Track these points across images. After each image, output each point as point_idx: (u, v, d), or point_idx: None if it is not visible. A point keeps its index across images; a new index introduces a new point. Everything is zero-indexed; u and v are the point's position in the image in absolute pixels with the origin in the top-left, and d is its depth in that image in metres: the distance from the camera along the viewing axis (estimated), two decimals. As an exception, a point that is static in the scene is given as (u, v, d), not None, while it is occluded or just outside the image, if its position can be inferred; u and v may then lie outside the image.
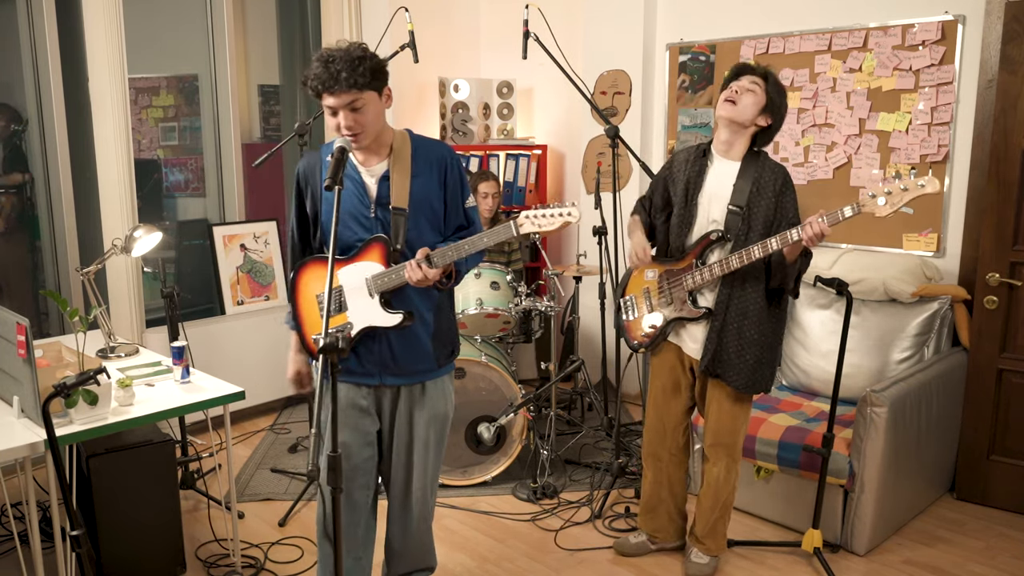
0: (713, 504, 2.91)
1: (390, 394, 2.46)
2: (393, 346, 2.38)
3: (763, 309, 2.72)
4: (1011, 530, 3.33)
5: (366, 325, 2.34)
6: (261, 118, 4.91)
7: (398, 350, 2.39)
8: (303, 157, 2.47)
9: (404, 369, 2.41)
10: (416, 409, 2.46)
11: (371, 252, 2.33)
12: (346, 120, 2.22)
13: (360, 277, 2.33)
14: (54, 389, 2.09)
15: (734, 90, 2.69)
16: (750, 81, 2.69)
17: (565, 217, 2.25)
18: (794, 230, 2.55)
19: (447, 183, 2.39)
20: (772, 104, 2.68)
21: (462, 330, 3.85)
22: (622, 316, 2.97)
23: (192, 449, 3.88)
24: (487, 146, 5.09)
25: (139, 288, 4.03)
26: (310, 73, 2.21)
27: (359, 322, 2.35)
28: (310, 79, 2.22)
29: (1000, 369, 3.43)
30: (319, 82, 2.19)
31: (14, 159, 4.03)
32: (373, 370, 2.41)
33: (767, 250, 2.59)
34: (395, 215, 2.31)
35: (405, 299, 2.35)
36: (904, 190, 2.44)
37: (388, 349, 2.38)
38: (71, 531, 2.12)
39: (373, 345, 2.38)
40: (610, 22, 4.69)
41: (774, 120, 2.71)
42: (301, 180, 2.43)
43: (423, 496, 2.55)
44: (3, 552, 3.12)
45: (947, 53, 3.59)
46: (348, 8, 4.62)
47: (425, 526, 2.62)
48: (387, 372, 2.41)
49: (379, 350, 2.38)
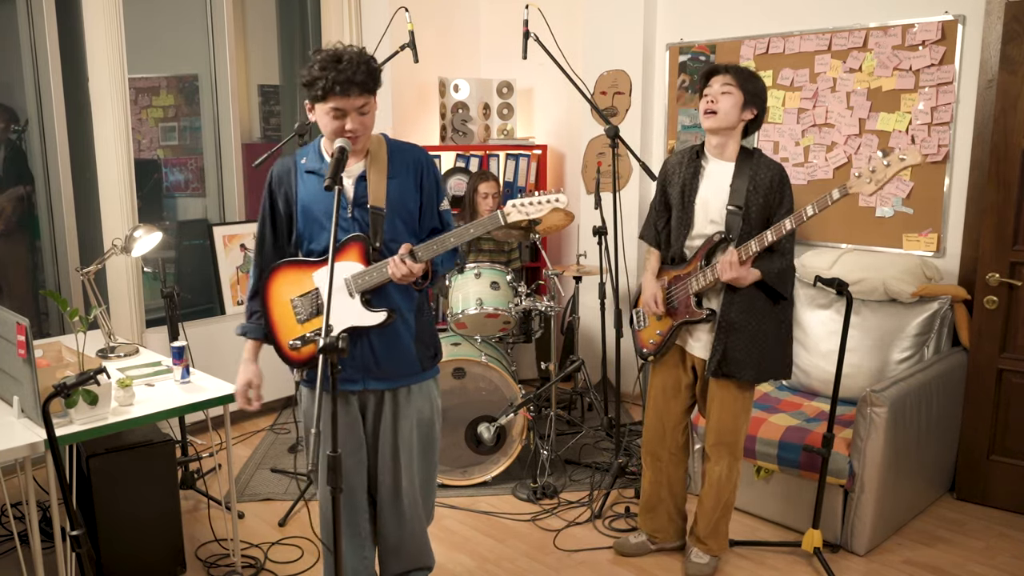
0: (715, 504, 2.91)
1: (374, 399, 2.43)
2: (376, 349, 2.35)
3: (767, 303, 2.73)
4: (1011, 530, 3.33)
5: (348, 326, 2.30)
6: (261, 118, 4.91)
7: (381, 353, 2.36)
8: (276, 162, 2.45)
9: (388, 373, 2.39)
10: (401, 414, 2.43)
11: (350, 251, 2.31)
12: (353, 123, 2.20)
13: (339, 277, 2.31)
14: (54, 389, 2.09)
15: (710, 99, 2.68)
16: (722, 84, 2.67)
17: (553, 203, 2.24)
18: (787, 219, 2.56)
19: (423, 185, 2.39)
20: (751, 96, 2.67)
21: (462, 330, 3.86)
22: (633, 326, 3.00)
23: (192, 449, 3.88)
24: (487, 146, 5.09)
25: (139, 288, 4.03)
26: (318, 74, 2.15)
27: (340, 323, 2.30)
28: (320, 80, 2.15)
29: (1000, 369, 3.43)
30: (334, 84, 2.13)
31: (15, 162, 4.03)
32: (356, 375, 2.37)
33: (763, 243, 2.60)
34: (373, 214, 2.31)
35: (387, 299, 2.33)
36: (887, 166, 2.47)
37: (371, 353, 2.35)
38: (71, 531, 2.12)
39: (355, 350, 2.34)
40: (610, 22, 4.69)
41: (758, 109, 2.71)
42: (274, 183, 2.41)
43: (413, 500, 2.53)
44: (3, 552, 3.12)
45: (947, 53, 3.59)
46: (348, 8, 4.62)
47: (420, 527, 2.59)
48: (370, 376, 2.38)
49: (361, 355, 2.35)
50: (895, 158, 2.45)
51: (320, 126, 2.27)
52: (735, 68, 2.70)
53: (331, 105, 2.18)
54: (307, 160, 2.38)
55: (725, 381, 2.77)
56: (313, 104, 2.23)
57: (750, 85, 2.68)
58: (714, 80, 2.70)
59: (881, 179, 2.47)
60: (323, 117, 2.22)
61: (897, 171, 2.46)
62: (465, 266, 3.87)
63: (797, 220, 2.56)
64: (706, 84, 2.72)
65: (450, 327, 3.90)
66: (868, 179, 2.48)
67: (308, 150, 2.41)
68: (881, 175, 2.47)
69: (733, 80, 2.67)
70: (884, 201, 3.83)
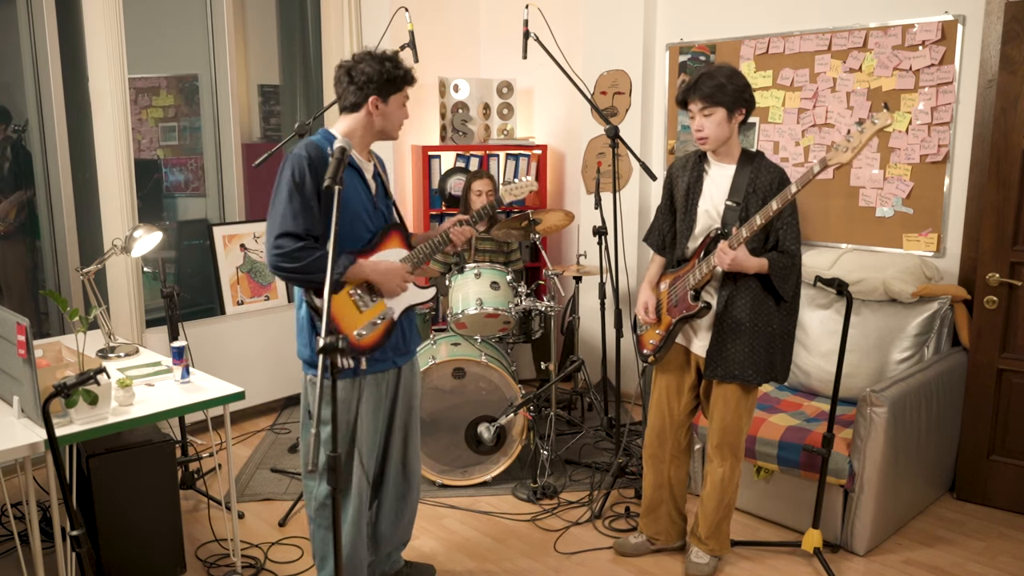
0: (718, 505, 2.91)
1: (394, 374, 2.62)
2: (404, 327, 2.59)
3: (766, 301, 2.72)
4: (1011, 530, 3.33)
5: (407, 306, 2.56)
6: (261, 118, 4.91)
7: (407, 330, 2.61)
8: (302, 147, 2.38)
9: (409, 347, 2.64)
10: (414, 382, 2.70)
11: (392, 239, 2.54)
12: None
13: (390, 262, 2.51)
14: (54, 389, 2.10)
15: (696, 128, 2.68)
16: (700, 110, 2.65)
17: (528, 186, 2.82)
18: (774, 200, 2.56)
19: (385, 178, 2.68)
20: (732, 102, 2.63)
21: (462, 330, 3.86)
22: (637, 329, 3.01)
23: (192, 449, 3.88)
24: (487, 146, 5.09)
25: (139, 288, 4.03)
26: (403, 68, 2.44)
27: (399, 305, 2.53)
28: (404, 71, 2.44)
29: (1000, 369, 3.43)
30: (412, 74, 2.48)
31: (15, 162, 4.03)
32: (389, 355, 2.56)
33: (753, 228, 2.59)
34: (394, 205, 2.64)
35: None
36: (861, 132, 2.50)
37: (400, 332, 2.58)
38: (71, 531, 2.12)
39: (395, 331, 2.55)
40: (610, 22, 4.69)
41: (747, 105, 2.69)
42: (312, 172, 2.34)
43: (417, 467, 2.77)
44: (3, 552, 3.12)
45: (947, 53, 3.59)
46: (348, 8, 4.62)
47: (418, 496, 2.83)
48: (398, 353, 2.60)
49: (396, 335, 2.56)
50: (868, 123, 2.48)
51: (386, 119, 2.47)
52: (704, 88, 2.61)
53: (406, 94, 2.48)
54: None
55: (733, 382, 2.77)
56: (388, 97, 2.44)
57: (726, 96, 2.62)
58: (691, 106, 2.67)
59: (856, 145, 2.49)
60: (397, 107, 2.48)
61: (871, 135, 2.48)
62: (465, 266, 3.88)
63: (782, 200, 2.56)
64: (685, 109, 2.71)
65: (450, 327, 3.90)
66: (844, 147, 2.51)
67: (324, 143, 2.43)
68: (856, 141, 2.49)
69: (707, 101, 2.62)
70: (884, 201, 3.84)
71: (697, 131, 2.68)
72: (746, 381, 2.74)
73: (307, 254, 2.32)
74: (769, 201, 2.62)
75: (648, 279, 2.97)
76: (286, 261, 2.31)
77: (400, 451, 2.71)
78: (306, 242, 2.34)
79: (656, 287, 2.94)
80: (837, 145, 2.52)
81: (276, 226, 2.34)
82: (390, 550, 2.83)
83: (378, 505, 2.74)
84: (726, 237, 2.68)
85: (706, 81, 2.63)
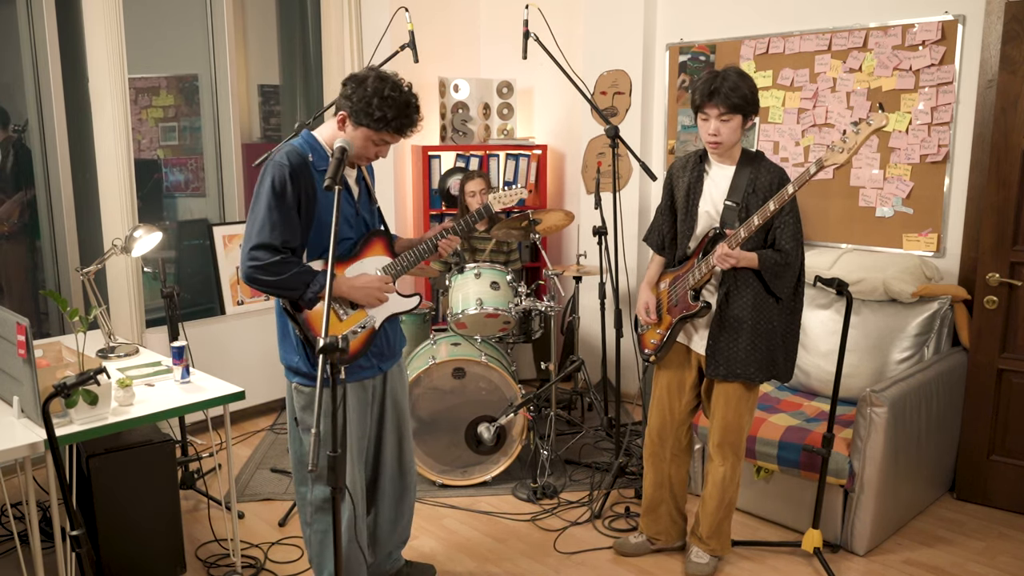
0: (719, 505, 2.91)
1: (380, 379, 2.61)
2: (388, 333, 2.57)
3: (767, 299, 2.72)
4: (1011, 530, 3.33)
5: (388, 314, 2.51)
6: (261, 118, 4.91)
7: (391, 335, 2.59)
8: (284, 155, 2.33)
9: (394, 351, 2.62)
10: (399, 387, 2.68)
11: (374, 247, 2.50)
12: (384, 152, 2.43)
13: (371, 271, 2.47)
14: (54, 389, 2.09)
15: (711, 132, 2.66)
16: (718, 116, 2.63)
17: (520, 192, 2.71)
18: (771, 201, 2.56)
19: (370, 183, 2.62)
20: (748, 109, 2.63)
21: (462, 330, 3.86)
22: (638, 329, 3.02)
23: (192, 449, 3.88)
24: (487, 146, 5.09)
25: (139, 288, 4.03)
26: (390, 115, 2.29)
27: (381, 315, 2.50)
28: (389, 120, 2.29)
29: (1000, 369, 3.43)
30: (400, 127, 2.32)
31: (15, 162, 4.03)
32: (373, 362, 2.54)
33: (751, 228, 2.60)
34: (379, 211, 2.60)
35: None
36: (857, 133, 2.51)
37: (384, 337, 2.56)
38: (71, 531, 2.12)
39: (378, 339, 2.52)
40: (610, 22, 4.69)
41: (757, 111, 2.69)
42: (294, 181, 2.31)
43: (412, 467, 2.78)
44: (3, 552, 3.12)
45: (947, 53, 3.59)
46: (348, 8, 4.62)
47: (415, 496, 2.84)
48: (383, 359, 2.58)
49: (380, 341, 2.53)
50: (864, 124, 2.50)
51: (352, 141, 2.32)
52: (732, 98, 2.60)
53: (382, 137, 2.34)
54: (314, 159, 2.37)
55: (735, 380, 2.77)
56: (357, 125, 2.32)
57: (745, 103, 2.62)
58: (709, 110, 2.64)
59: (852, 146, 2.51)
60: (363, 140, 2.34)
61: (866, 136, 2.49)
62: (465, 266, 3.88)
63: (779, 201, 2.56)
64: (701, 111, 2.68)
65: (450, 327, 3.90)
66: (840, 148, 2.52)
67: (306, 148, 2.38)
68: (852, 142, 2.51)
69: (726, 107, 2.61)
70: (884, 201, 3.84)
71: (713, 135, 2.66)
72: (748, 379, 2.74)
73: (284, 268, 2.28)
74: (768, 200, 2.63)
75: (648, 279, 2.97)
76: (261, 273, 2.28)
77: (395, 453, 2.71)
78: (283, 255, 2.30)
79: (656, 287, 2.94)
80: (833, 146, 2.54)
81: (253, 236, 2.29)
82: (390, 549, 2.83)
83: (376, 508, 2.74)
84: (724, 237, 2.69)
85: (733, 91, 2.60)
